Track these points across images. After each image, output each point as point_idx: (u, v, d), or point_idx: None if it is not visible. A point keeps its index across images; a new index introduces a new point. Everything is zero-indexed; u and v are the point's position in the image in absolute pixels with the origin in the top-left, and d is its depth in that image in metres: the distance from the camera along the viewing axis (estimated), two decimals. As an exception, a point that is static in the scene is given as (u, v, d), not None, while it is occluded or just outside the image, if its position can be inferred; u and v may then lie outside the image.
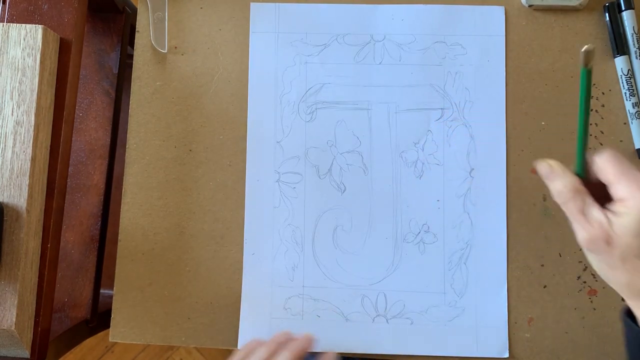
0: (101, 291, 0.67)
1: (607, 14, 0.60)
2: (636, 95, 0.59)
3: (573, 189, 0.42)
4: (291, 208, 0.60)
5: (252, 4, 0.62)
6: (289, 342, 0.52)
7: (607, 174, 0.41)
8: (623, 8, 0.60)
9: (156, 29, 0.62)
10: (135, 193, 0.60)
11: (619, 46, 0.59)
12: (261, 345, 0.52)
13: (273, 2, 0.62)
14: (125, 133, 0.61)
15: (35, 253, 0.53)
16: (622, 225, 0.39)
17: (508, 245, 0.58)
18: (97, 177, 0.67)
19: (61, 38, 0.56)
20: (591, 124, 0.60)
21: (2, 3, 0.56)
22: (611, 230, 0.40)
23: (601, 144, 0.59)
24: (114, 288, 0.59)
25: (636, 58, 0.59)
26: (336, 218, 0.59)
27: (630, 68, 0.59)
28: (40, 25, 0.53)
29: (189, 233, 0.60)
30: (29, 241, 0.52)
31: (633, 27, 0.59)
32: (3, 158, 0.51)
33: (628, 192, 0.39)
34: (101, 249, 0.67)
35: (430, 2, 0.62)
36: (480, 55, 0.61)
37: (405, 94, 0.61)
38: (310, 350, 0.53)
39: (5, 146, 0.52)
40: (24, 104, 0.52)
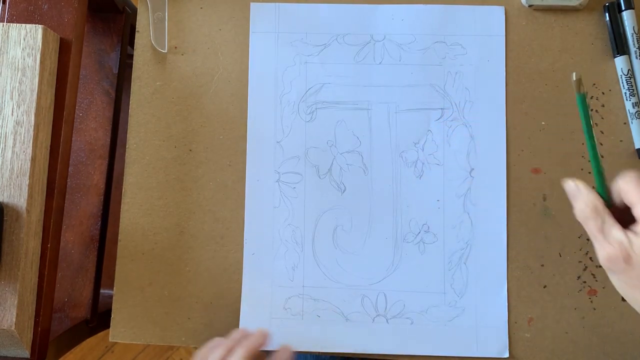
0: (101, 291, 0.67)
1: (607, 14, 0.60)
2: (636, 95, 0.59)
3: (593, 208, 0.43)
4: (291, 208, 0.60)
5: (252, 4, 0.62)
6: (244, 339, 0.52)
7: (630, 196, 0.41)
8: (623, 8, 0.60)
9: (156, 29, 0.62)
10: (135, 193, 0.60)
11: (619, 46, 0.59)
12: (220, 344, 0.52)
13: (273, 2, 0.62)
14: (125, 133, 0.61)
15: (35, 253, 0.53)
16: None
17: (508, 245, 0.58)
18: (97, 177, 0.67)
19: (61, 38, 0.56)
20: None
21: (2, 3, 0.56)
22: (631, 249, 0.40)
23: (601, 144, 0.59)
24: (114, 288, 0.59)
25: (636, 58, 0.59)
26: (336, 218, 0.59)
27: (630, 68, 0.59)
28: (40, 25, 0.53)
29: (189, 233, 0.60)
30: (29, 241, 0.52)
31: (633, 27, 0.59)
32: (3, 158, 0.51)
33: None
34: (101, 249, 0.67)
35: (430, 2, 0.62)
36: (480, 55, 0.61)
37: (405, 94, 0.61)
38: (265, 345, 0.53)
39: (5, 146, 0.52)
40: (24, 104, 0.52)
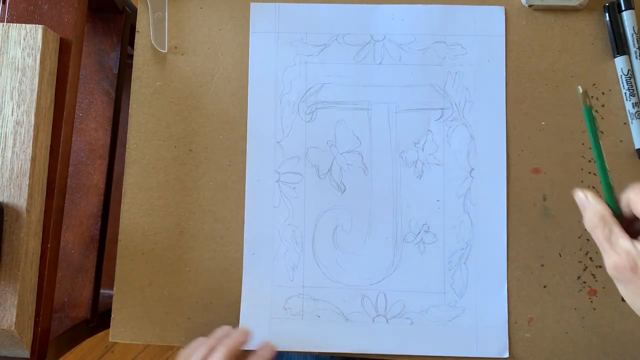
0: (101, 291, 0.67)
1: (607, 14, 0.60)
2: (636, 95, 0.59)
3: (600, 217, 0.43)
4: (291, 208, 0.60)
5: (252, 4, 0.62)
6: (225, 338, 0.53)
7: (639, 207, 0.41)
8: (623, 8, 0.60)
9: (156, 29, 0.62)
10: (135, 193, 0.60)
11: (619, 46, 0.59)
12: (202, 343, 0.53)
13: (273, 2, 0.62)
14: (125, 133, 0.61)
15: (35, 253, 0.53)
16: None
17: (508, 245, 0.58)
18: (97, 177, 0.67)
19: (61, 38, 0.56)
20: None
21: (2, 3, 0.56)
22: (638, 259, 0.40)
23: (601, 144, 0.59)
24: (114, 288, 0.59)
25: (636, 58, 0.59)
26: (336, 218, 0.59)
27: (630, 68, 0.59)
28: (40, 25, 0.53)
29: (189, 233, 0.60)
30: (29, 241, 0.52)
31: (633, 27, 0.59)
32: (3, 158, 0.51)
33: None
34: (101, 249, 0.67)
35: (430, 2, 0.62)
36: (480, 55, 0.61)
37: (405, 94, 0.61)
38: (246, 343, 0.53)
39: (5, 146, 0.52)
40: (24, 104, 0.52)
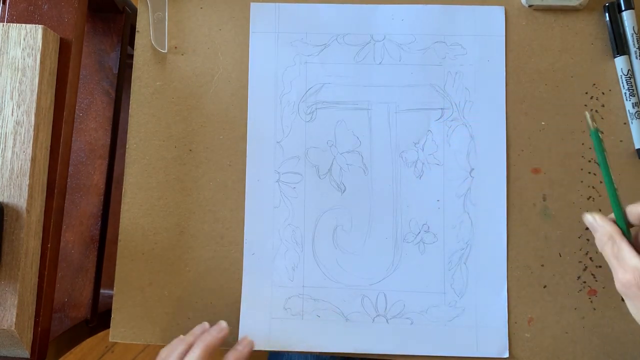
0: (101, 291, 0.67)
1: (607, 14, 0.60)
2: (636, 95, 0.59)
3: (609, 236, 0.44)
4: (291, 208, 0.60)
5: (252, 4, 0.62)
6: (203, 334, 0.53)
7: None
8: (623, 8, 0.60)
9: (156, 29, 0.62)
10: (135, 193, 0.60)
11: (619, 46, 0.59)
12: (182, 340, 0.53)
13: (273, 2, 0.62)
14: (125, 133, 0.61)
15: (35, 253, 0.53)
16: None
17: (508, 245, 0.58)
18: (97, 177, 0.67)
19: (61, 38, 0.56)
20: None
21: (2, 3, 0.56)
22: None
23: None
24: (114, 288, 0.59)
25: (636, 58, 0.59)
26: (336, 218, 0.59)
27: (630, 68, 0.59)
28: (40, 25, 0.53)
29: (189, 233, 0.60)
30: (29, 241, 0.52)
31: (633, 27, 0.59)
32: (3, 158, 0.51)
33: None
34: (101, 249, 0.67)
35: (430, 2, 0.62)
36: (480, 55, 0.61)
37: (405, 94, 0.61)
38: (224, 339, 0.53)
39: (5, 146, 0.52)
40: (24, 104, 0.52)
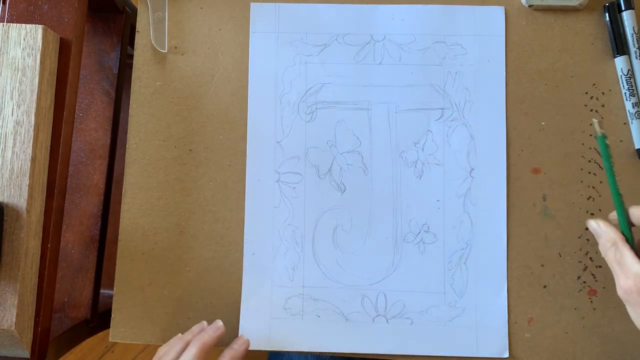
0: (101, 291, 0.67)
1: (607, 14, 0.60)
2: (636, 95, 0.59)
3: (612, 242, 0.45)
4: (291, 208, 0.60)
5: (252, 4, 0.62)
6: (199, 334, 0.53)
7: None
8: (623, 8, 0.60)
9: (156, 29, 0.62)
10: (135, 193, 0.60)
11: (619, 46, 0.59)
12: (179, 339, 0.53)
13: (273, 2, 0.62)
14: (125, 133, 0.61)
15: (35, 253, 0.53)
16: None
17: (508, 245, 0.58)
18: (97, 177, 0.67)
19: (61, 38, 0.56)
20: (591, 124, 0.60)
21: (2, 3, 0.56)
22: None
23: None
24: (114, 288, 0.59)
25: (636, 58, 0.59)
26: (336, 218, 0.59)
27: (630, 68, 0.59)
28: (40, 25, 0.53)
29: (189, 233, 0.60)
30: (29, 241, 0.52)
31: (633, 27, 0.59)
32: (3, 158, 0.51)
33: None
34: (101, 249, 0.67)
35: (430, 2, 0.62)
36: (480, 55, 0.61)
37: (405, 94, 0.61)
38: (220, 337, 0.53)
39: (5, 146, 0.52)
40: (24, 104, 0.52)
